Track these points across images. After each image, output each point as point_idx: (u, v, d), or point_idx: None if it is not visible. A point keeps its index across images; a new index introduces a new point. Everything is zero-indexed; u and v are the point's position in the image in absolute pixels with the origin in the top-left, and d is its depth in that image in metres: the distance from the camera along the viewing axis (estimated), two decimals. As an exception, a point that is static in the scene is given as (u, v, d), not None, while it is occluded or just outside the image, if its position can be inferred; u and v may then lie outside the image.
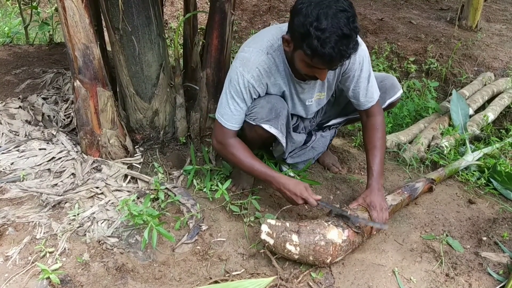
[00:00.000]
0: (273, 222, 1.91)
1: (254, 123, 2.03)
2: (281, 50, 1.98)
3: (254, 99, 2.06)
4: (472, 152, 2.81)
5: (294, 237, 1.86)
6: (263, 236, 1.89)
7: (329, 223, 1.95)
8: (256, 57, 1.97)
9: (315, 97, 2.22)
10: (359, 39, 1.99)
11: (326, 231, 1.90)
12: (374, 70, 4.25)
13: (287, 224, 1.91)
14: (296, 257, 1.89)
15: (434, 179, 2.51)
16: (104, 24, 2.59)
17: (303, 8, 1.69)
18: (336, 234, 1.91)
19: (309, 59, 1.75)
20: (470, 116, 3.71)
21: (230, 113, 2.05)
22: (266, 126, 2.02)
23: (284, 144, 2.14)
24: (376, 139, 2.19)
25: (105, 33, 2.70)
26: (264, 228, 1.89)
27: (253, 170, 2.09)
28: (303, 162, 2.49)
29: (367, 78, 2.13)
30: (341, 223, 1.96)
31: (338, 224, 1.95)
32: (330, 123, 2.49)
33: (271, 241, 1.88)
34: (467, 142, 2.90)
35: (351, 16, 1.68)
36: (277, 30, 2.01)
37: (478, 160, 2.76)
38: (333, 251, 1.89)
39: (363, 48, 2.06)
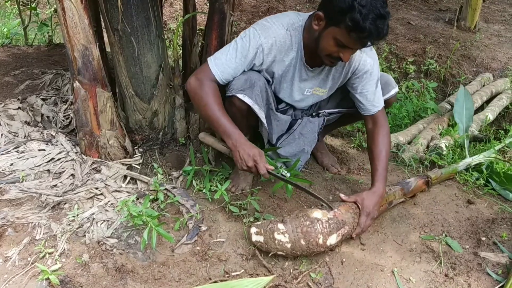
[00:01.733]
0: (258, 222, 2.00)
1: (230, 94, 2.05)
2: (299, 31, 2.04)
3: (254, 64, 2.07)
4: (471, 156, 2.79)
5: (280, 226, 1.89)
6: (254, 237, 1.94)
7: (312, 207, 2.01)
8: (276, 28, 2.02)
9: (314, 90, 2.24)
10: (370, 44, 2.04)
11: (309, 212, 1.94)
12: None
13: (271, 218, 1.97)
14: (289, 245, 1.88)
15: (430, 176, 2.52)
16: (103, 25, 2.59)
17: None
18: (320, 214, 1.93)
19: (346, 33, 1.82)
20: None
21: (223, 60, 2.03)
22: (240, 96, 2.03)
23: (262, 119, 2.11)
24: (382, 146, 2.22)
25: (104, 34, 2.70)
26: (253, 229, 1.94)
27: (218, 119, 1.99)
28: (296, 155, 2.43)
29: (376, 82, 2.19)
30: (325, 207, 2.02)
31: (321, 208, 1.99)
32: (320, 111, 2.48)
33: (261, 238, 1.91)
34: (466, 146, 2.84)
35: (385, 1, 1.80)
36: (297, 13, 2.09)
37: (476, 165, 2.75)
38: (321, 229, 1.89)
39: (374, 52, 2.16)
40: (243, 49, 2.02)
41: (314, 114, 2.47)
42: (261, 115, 2.10)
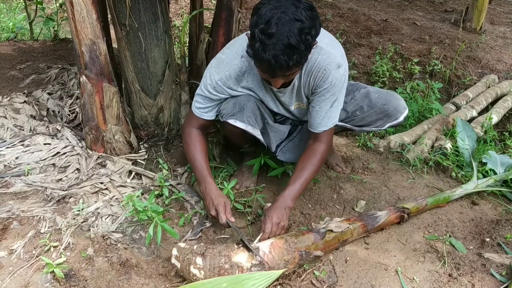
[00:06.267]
0: (183, 245, 1.81)
1: (222, 120, 2.07)
2: None
3: (229, 94, 2.06)
4: (479, 179, 2.58)
5: (198, 260, 1.74)
6: (173, 260, 1.79)
7: (240, 245, 1.81)
8: (230, 60, 1.97)
9: (295, 105, 2.17)
10: (343, 62, 1.94)
11: (233, 253, 1.76)
12: (377, 77, 4.24)
13: (195, 246, 1.79)
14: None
15: (407, 208, 2.24)
16: (110, 20, 2.59)
17: (261, 8, 1.64)
18: (244, 258, 1.75)
19: (253, 61, 1.74)
20: (474, 118, 3.72)
21: (198, 101, 2.11)
22: (231, 121, 2.03)
23: (258, 136, 2.10)
24: (309, 163, 2.06)
25: (111, 30, 2.71)
26: (174, 251, 1.80)
27: (194, 165, 2.12)
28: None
29: (332, 102, 2.01)
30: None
31: (250, 250, 1.79)
32: None
33: (178, 265, 1.77)
34: (474, 170, 2.60)
35: (306, 28, 1.61)
36: None
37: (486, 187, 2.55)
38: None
39: (339, 71, 1.94)
40: (205, 88, 2.05)
41: None
42: (256, 133, 2.09)
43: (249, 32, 1.75)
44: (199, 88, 2.10)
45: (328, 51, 1.91)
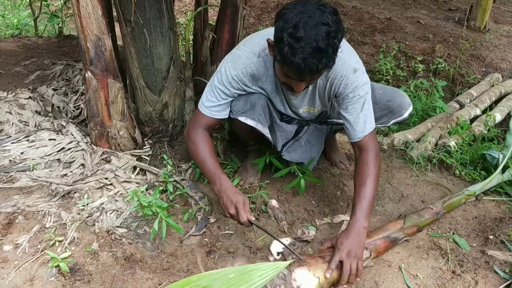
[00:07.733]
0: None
1: (232, 117, 2.05)
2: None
3: (243, 90, 2.03)
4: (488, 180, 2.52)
5: None
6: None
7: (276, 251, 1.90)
8: (246, 57, 1.95)
9: (305, 109, 2.16)
10: (359, 66, 1.94)
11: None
12: (381, 75, 4.23)
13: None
14: None
15: (422, 227, 2.21)
16: (115, 16, 2.59)
17: (286, 14, 1.63)
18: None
19: (279, 66, 1.73)
20: (477, 117, 3.72)
21: (210, 99, 2.03)
22: (242, 118, 2.02)
23: (266, 135, 2.10)
24: (366, 176, 1.97)
25: (116, 26, 2.71)
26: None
27: (205, 164, 2.02)
28: (305, 158, 2.40)
29: (361, 105, 1.97)
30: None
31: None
32: (328, 120, 2.42)
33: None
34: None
35: (332, 32, 1.60)
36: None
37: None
38: None
39: (357, 75, 1.94)
40: (221, 86, 1.99)
41: (322, 121, 2.42)
42: (265, 131, 2.08)
43: (269, 38, 1.74)
44: (210, 85, 2.05)
45: (343, 58, 1.91)
